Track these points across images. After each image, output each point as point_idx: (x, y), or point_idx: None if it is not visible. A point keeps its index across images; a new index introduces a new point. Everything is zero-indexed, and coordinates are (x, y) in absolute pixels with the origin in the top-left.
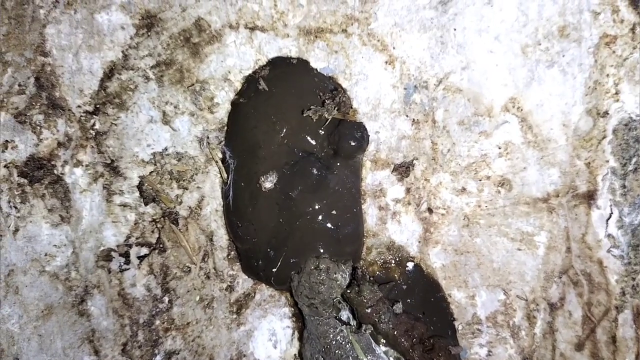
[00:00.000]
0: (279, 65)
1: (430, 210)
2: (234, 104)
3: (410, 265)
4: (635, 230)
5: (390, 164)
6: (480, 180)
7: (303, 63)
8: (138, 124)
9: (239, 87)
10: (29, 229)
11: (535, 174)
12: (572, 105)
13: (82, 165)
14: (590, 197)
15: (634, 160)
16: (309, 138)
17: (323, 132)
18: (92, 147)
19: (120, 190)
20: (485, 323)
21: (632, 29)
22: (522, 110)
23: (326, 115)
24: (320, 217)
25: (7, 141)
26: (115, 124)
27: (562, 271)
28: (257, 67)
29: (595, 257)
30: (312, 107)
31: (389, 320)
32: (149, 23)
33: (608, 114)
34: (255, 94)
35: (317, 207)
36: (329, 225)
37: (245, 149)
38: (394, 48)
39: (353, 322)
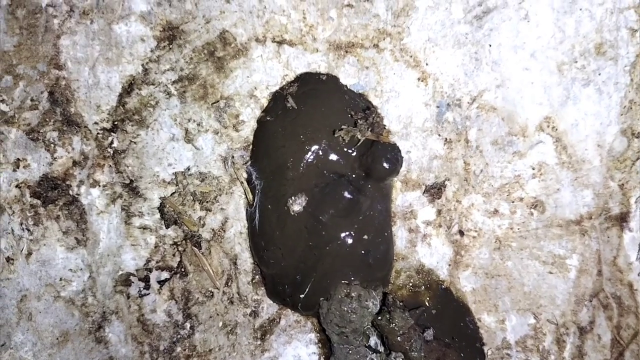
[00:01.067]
0: (308, 82)
1: (461, 232)
2: (260, 121)
3: (439, 289)
4: None
5: (421, 184)
6: (513, 202)
7: (333, 79)
8: (159, 142)
9: (266, 104)
10: (42, 253)
11: (569, 195)
12: (607, 125)
13: (99, 186)
14: (622, 220)
15: None
16: (339, 159)
17: (354, 153)
18: (110, 166)
19: (140, 212)
20: (514, 348)
21: None
22: (557, 130)
23: (359, 136)
24: (351, 242)
25: (19, 159)
26: (135, 142)
27: (592, 294)
28: (284, 84)
29: (625, 280)
30: (343, 127)
31: (420, 348)
32: (170, 35)
33: None
34: (283, 112)
35: (348, 231)
36: (360, 250)
37: (272, 170)
38: (426, 64)
39: (382, 350)
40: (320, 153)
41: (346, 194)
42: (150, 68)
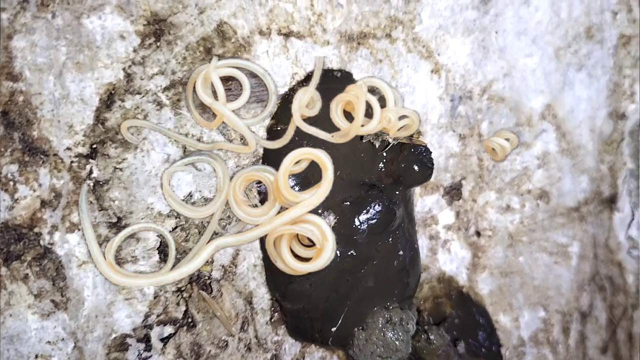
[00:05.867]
0: (322, 80)
1: (478, 233)
2: (270, 131)
3: (460, 296)
4: None
5: (439, 186)
6: (522, 195)
7: (347, 76)
8: (151, 166)
9: (274, 110)
10: (8, 326)
11: (569, 183)
12: (597, 109)
13: (79, 229)
14: (612, 201)
15: None
16: (365, 167)
17: (382, 160)
18: (91, 202)
19: (133, 257)
20: (528, 343)
21: None
22: (556, 117)
23: (390, 140)
24: (388, 261)
25: None
26: (120, 169)
27: (590, 278)
28: (294, 84)
29: (615, 259)
30: None
31: None
32: (157, 30)
33: (625, 116)
34: None
35: (384, 249)
36: (397, 268)
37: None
38: (438, 55)
39: None
40: (343, 162)
41: (381, 207)
42: (135, 73)
